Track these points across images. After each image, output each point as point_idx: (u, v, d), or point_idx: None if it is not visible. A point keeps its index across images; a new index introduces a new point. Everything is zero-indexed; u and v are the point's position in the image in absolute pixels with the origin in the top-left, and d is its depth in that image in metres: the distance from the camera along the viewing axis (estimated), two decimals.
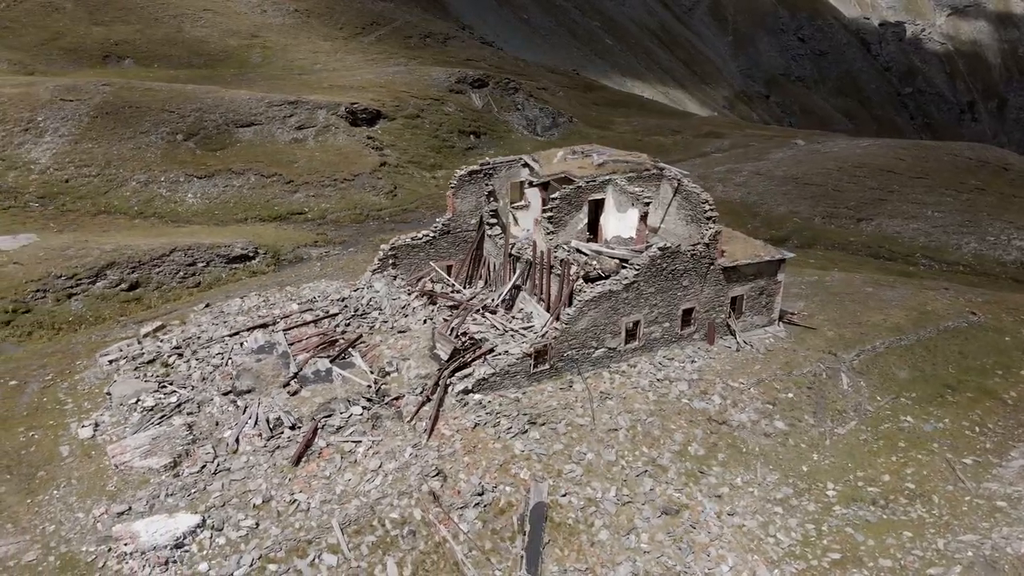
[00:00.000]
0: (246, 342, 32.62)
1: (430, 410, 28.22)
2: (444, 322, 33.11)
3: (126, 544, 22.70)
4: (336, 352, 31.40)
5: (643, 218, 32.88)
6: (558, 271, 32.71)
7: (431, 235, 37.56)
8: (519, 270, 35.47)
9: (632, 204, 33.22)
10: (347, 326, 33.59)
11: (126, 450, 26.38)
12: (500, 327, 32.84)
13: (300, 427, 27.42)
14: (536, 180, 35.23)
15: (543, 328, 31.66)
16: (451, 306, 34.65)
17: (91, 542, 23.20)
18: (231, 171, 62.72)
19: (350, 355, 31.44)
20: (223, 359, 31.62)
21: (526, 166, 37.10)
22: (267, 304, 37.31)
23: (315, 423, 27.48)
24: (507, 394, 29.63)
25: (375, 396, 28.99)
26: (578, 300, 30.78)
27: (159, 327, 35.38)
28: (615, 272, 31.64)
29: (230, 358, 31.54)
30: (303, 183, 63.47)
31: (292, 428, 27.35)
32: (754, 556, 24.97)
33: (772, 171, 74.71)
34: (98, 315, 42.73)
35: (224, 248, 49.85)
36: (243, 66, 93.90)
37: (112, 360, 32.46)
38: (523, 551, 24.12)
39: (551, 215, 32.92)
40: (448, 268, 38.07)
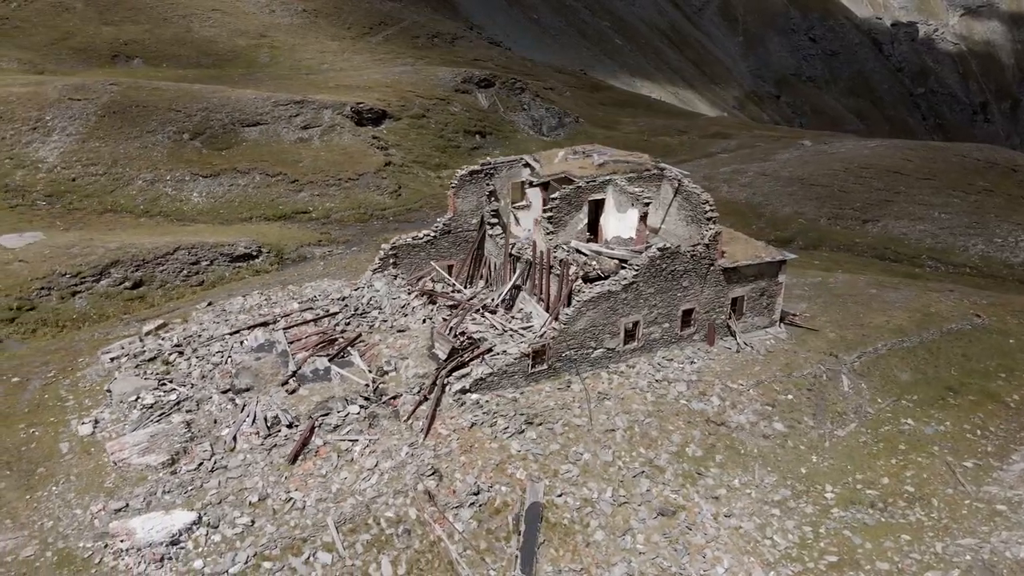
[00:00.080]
0: (246, 340, 32.75)
1: (427, 409, 28.24)
2: (443, 322, 33.14)
3: (122, 541, 22.84)
4: (335, 351, 31.48)
5: (643, 218, 32.80)
6: (557, 271, 32.67)
7: (432, 235, 37.61)
8: (519, 270, 35.46)
9: (632, 204, 33.14)
10: (347, 325, 33.65)
11: (125, 447, 26.54)
12: (499, 327, 32.83)
13: (297, 425, 27.51)
14: (536, 180, 35.21)
15: (541, 328, 31.64)
16: (450, 306, 34.67)
17: (88, 538, 23.35)
18: (236, 170, 62.98)
19: (349, 354, 31.51)
20: (223, 357, 31.73)
21: (527, 166, 37.08)
22: (269, 303, 37.39)
23: (312, 422, 27.56)
24: (505, 394, 29.61)
25: (373, 395, 29.04)
26: (577, 300, 30.73)
27: (161, 325, 35.55)
28: (614, 272, 31.57)
29: (230, 356, 31.66)
30: (308, 182, 63.67)
31: (289, 426, 27.44)
32: (750, 558, 24.86)
33: (778, 172, 74.33)
34: (102, 313, 43.01)
35: (228, 247, 50.07)
36: (251, 66, 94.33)
37: (114, 358, 32.65)
38: (518, 551, 24.12)
39: (551, 215, 32.90)
40: (449, 268, 38.10)
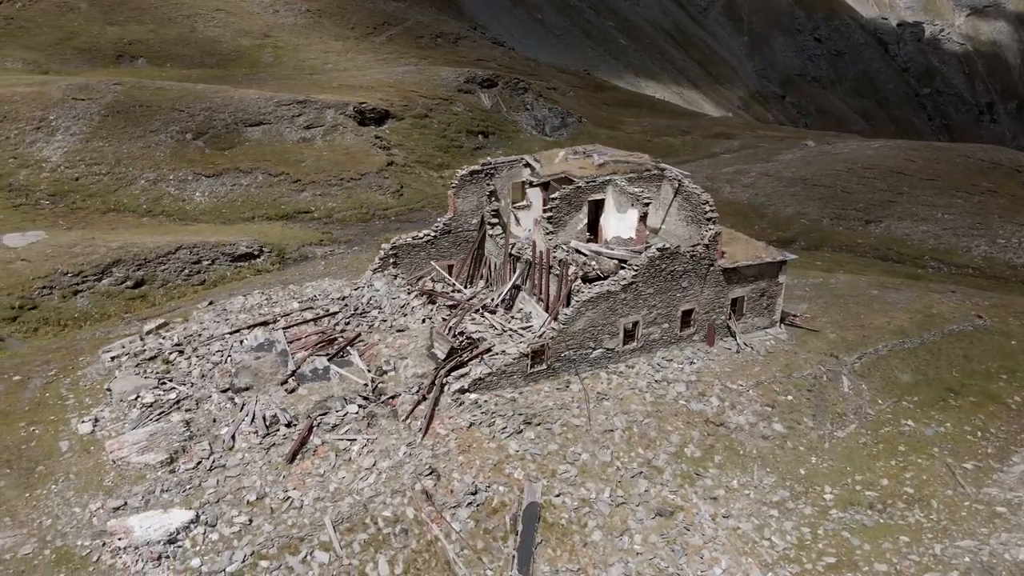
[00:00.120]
0: (246, 340, 32.80)
1: (425, 409, 28.26)
2: (442, 321, 33.16)
3: (120, 539, 22.92)
4: (334, 350, 31.51)
5: (642, 219, 32.76)
6: (557, 271, 32.66)
7: (432, 234, 37.64)
8: (519, 270, 35.46)
9: (632, 205, 33.11)
10: (346, 325, 33.68)
11: (124, 446, 26.61)
12: (498, 327, 32.84)
13: (296, 425, 27.54)
14: (536, 180, 35.21)
15: (540, 328, 31.63)
16: (450, 305, 34.69)
17: (86, 536, 23.43)
18: (239, 170, 63.12)
19: (348, 353, 31.53)
20: (223, 356, 31.80)
21: (527, 166, 37.08)
22: (269, 302, 37.44)
23: (311, 421, 27.60)
24: (503, 394, 29.62)
25: (371, 395, 29.06)
26: (576, 300, 30.72)
27: (162, 324, 35.64)
28: (614, 273, 31.54)
29: (230, 355, 31.72)
30: (310, 182, 63.78)
31: (288, 426, 27.47)
32: (748, 559, 24.82)
33: (781, 172, 74.16)
34: (103, 312, 43.14)
35: (229, 246, 50.18)
36: (254, 66, 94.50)
37: (114, 356, 32.73)
38: (515, 551, 24.12)
39: (551, 215, 32.88)
40: (449, 268, 38.12)
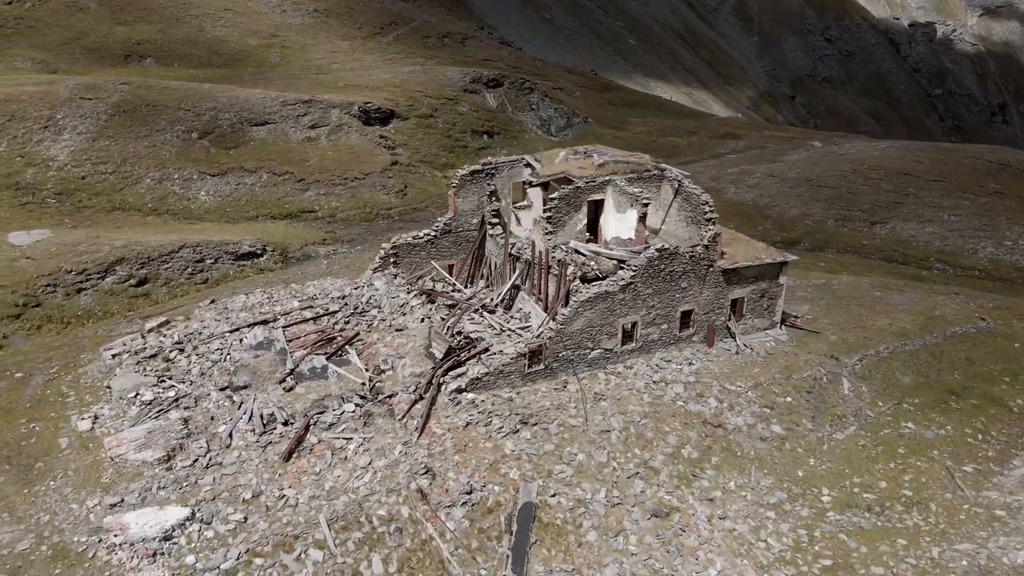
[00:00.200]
0: (246, 338, 32.93)
1: (422, 408, 28.28)
2: (441, 321, 33.19)
3: (116, 535, 23.04)
4: (333, 349, 31.59)
5: (642, 219, 32.71)
6: (556, 271, 32.64)
7: (432, 234, 37.70)
8: (518, 270, 35.45)
9: (631, 205, 33.06)
10: (345, 324, 33.76)
11: (122, 443, 26.76)
12: (497, 327, 32.85)
13: (293, 423, 27.62)
14: (536, 180, 35.20)
15: (538, 328, 31.62)
16: (449, 305, 34.73)
17: (83, 533, 23.55)
18: (244, 169, 63.41)
19: (346, 352, 31.61)
20: (222, 355, 31.94)
21: (528, 166, 37.07)
22: (271, 301, 37.59)
23: (308, 419, 27.67)
24: (501, 394, 29.61)
25: (368, 394, 29.12)
26: (574, 301, 30.68)
27: (164, 322, 35.82)
28: (612, 273, 31.49)
29: (229, 354, 31.85)
30: (314, 181, 63.99)
31: (285, 424, 27.57)
32: (743, 561, 24.72)
33: (786, 173, 73.86)
34: (106, 310, 43.40)
35: (232, 245, 50.39)
36: (261, 65, 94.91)
37: (115, 354, 32.91)
38: (509, 550, 24.11)
39: (550, 215, 32.86)
40: (449, 267, 38.16)
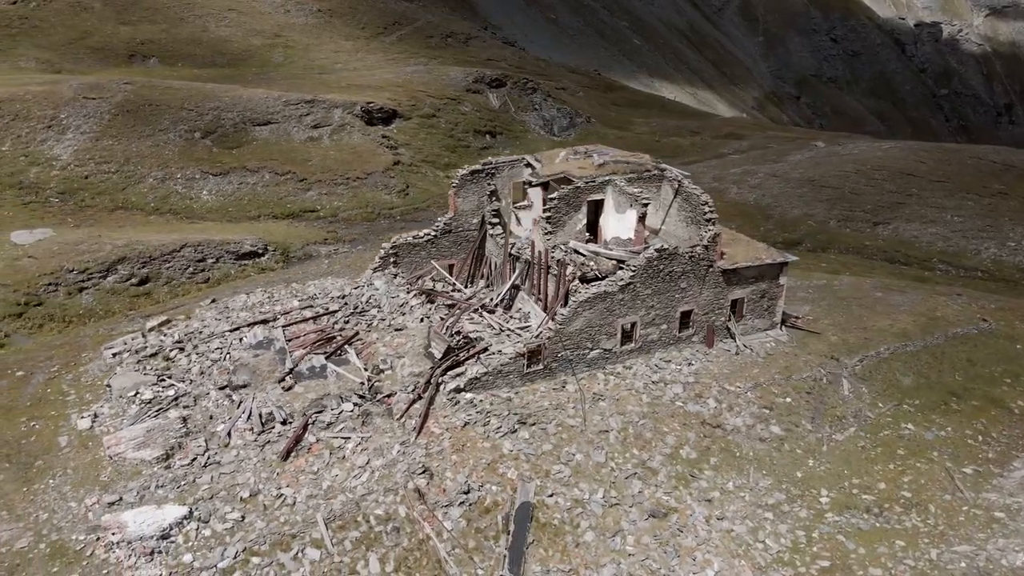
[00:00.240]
0: (245, 337, 32.98)
1: (420, 408, 28.30)
2: (440, 321, 33.21)
3: (114, 534, 23.10)
4: (332, 349, 31.63)
5: (641, 219, 32.68)
6: (555, 271, 32.62)
7: (433, 234, 37.72)
8: (518, 270, 35.45)
9: (631, 205, 33.02)
10: (345, 323, 33.79)
11: (121, 441, 26.83)
12: (496, 326, 32.85)
13: (291, 422, 27.66)
14: (536, 180, 35.19)
15: (537, 328, 31.61)
16: (449, 305, 34.74)
17: (81, 531, 23.64)
18: (246, 169, 63.53)
19: (346, 352, 31.64)
20: (222, 354, 32.00)
21: (528, 166, 37.06)
22: (271, 300, 37.63)
23: (306, 419, 27.71)
24: (499, 393, 29.61)
25: (367, 393, 29.14)
26: (573, 301, 30.66)
27: (164, 321, 35.89)
28: (612, 273, 31.46)
29: (229, 353, 31.91)
30: (316, 181, 64.08)
31: (283, 423, 27.61)
32: (741, 561, 24.69)
33: (788, 173, 73.69)
34: (108, 309, 43.52)
35: (234, 244, 50.49)
36: (265, 65, 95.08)
37: (116, 353, 32.98)
38: (506, 550, 24.11)
39: (549, 215, 32.85)
40: (450, 267, 38.17)
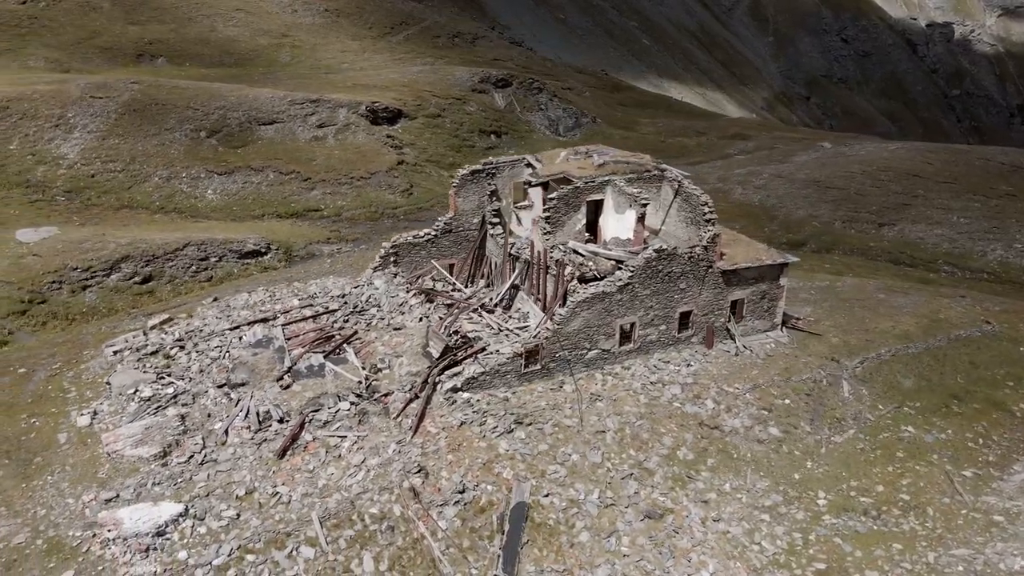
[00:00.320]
0: (245, 336, 33.10)
1: (417, 407, 28.33)
2: (439, 320, 33.24)
3: (110, 530, 23.22)
4: (331, 348, 31.70)
5: (640, 219, 32.62)
6: (554, 271, 32.59)
7: (433, 233, 37.79)
8: (518, 270, 35.44)
9: (630, 205, 32.96)
10: (344, 322, 33.87)
11: (119, 438, 26.97)
12: (495, 326, 32.86)
13: (288, 421, 27.74)
14: (536, 180, 35.17)
15: (535, 328, 31.59)
16: (448, 304, 34.76)
17: (78, 527, 23.76)
18: (251, 168, 63.76)
19: (344, 351, 31.71)
20: (222, 352, 32.13)
21: (529, 166, 37.06)
22: (273, 299, 37.76)
23: (303, 417, 27.79)
24: (496, 393, 29.61)
25: (364, 392, 29.19)
26: (571, 301, 30.63)
27: (166, 320, 36.04)
28: (610, 273, 31.41)
29: (228, 351, 32.04)
30: (320, 180, 64.25)
31: (280, 421, 27.69)
32: (736, 563, 24.60)
33: (794, 174, 73.39)
34: (111, 307, 43.76)
35: (237, 243, 50.68)
36: (272, 65, 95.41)
37: (117, 351, 33.17)
38: (501, 550, 24.10)
39: (548, 215, 32.84)
40: (450, 267, 38.21)
